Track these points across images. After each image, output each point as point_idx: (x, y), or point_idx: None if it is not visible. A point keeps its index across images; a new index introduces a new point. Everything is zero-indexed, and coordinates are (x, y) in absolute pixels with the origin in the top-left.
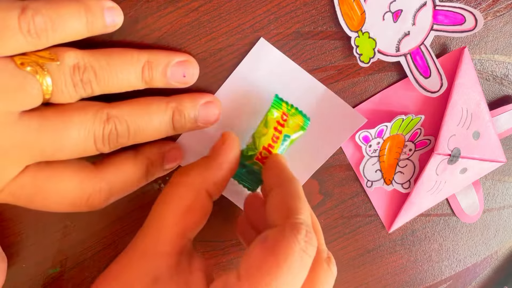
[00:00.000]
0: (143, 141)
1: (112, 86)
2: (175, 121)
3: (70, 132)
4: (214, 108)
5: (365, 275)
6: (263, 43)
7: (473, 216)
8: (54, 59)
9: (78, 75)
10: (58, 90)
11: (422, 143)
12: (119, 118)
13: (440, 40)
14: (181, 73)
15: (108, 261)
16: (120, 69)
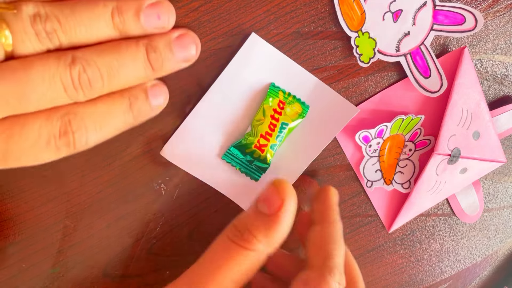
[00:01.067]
0: (122, 86)
1: (81, 36)
2: (151, 59)
3: (32, 78)
4: (189, 40)
5: (365, 275)
6: (255, 38)
7: (473, 216)
8: (10, 8)
9: (40, 24)
10: (19, 41)
11: (422, 143)
12: (88, 60)
13: (440, 40)
14: (155, 16)
15: (108, 261)
16: (87, 16)
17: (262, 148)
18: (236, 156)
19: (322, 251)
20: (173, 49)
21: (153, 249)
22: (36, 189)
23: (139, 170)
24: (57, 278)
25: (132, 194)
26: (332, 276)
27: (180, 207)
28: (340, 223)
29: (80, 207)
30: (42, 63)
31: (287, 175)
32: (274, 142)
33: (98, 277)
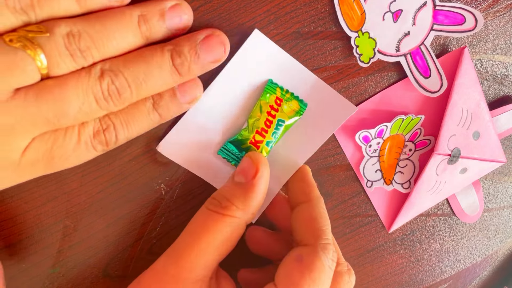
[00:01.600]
0: (152, 92)
1: (112, 49)
2: (177, 65)
3: (68, 95)
4: (216, 41)
5: (365, 275)
6: (257, 35)
7: (473, 216)
8: (43, 31)
9: (74, 43)
10: (54, 63)
11: (422, 143)
12: (114, 71)
13: (440, 40)
14: (177, 18)
15: (108, 261)
16: (117, 29)
17: (257, 145)
18: (231, 151)
19: (313, 228)
20: (198, 52)
21: (153, 249)
22: (36, 189)
23: (139, 170)
24: (57, 278)
25: (132, 194)
26: (325, 253)
27: (180, 207)
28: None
29: (80, 207)
30: (75, 80)
31: (282, 171)
32: (269, 139)
33: (98, 277)
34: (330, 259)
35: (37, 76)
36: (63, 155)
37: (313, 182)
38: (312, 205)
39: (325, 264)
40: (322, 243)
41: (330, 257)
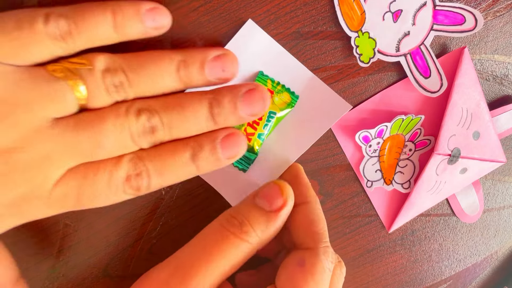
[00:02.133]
0: (185, 135)
1: (147, 88)
2: (214, 114)
3: (106, 128)
4: (258, 96)
5: (365, 275)
6: (251, 25)
7: (473, 216)
8: (85, 64)
9: (109, 78)
10: (92, 95)
11: (422, 143)
12: (150, 111)
13: (440, 40)
14: (220, 68)
15: (108, 261)
16: (153, 69)
17: (249, 137)
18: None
19: (312, 232)
20: (237, 104)
21: (153, 249)
22: None
23: None
24: (57, 278)
25: None
26: (326, 256)
27: (180, 207)
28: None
29: None
30: (114, 114)
31: (273, 168)
32: (261, 131)
33: (98, 277)
34: (330, 262)
35: (75, 107)
36: (92, 194)
37: (307, 181)
38: (310, 207)
39: (326, 267)
40: (322, 246)
41: (330, 259)
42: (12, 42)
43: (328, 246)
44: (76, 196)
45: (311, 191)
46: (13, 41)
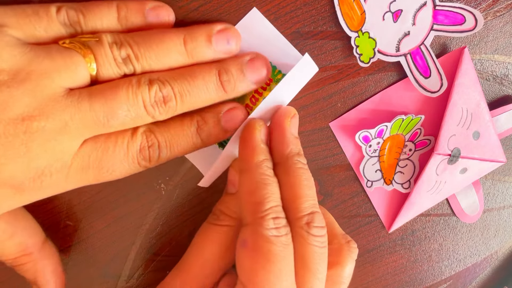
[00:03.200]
0: (196, 106)
1: (154, 62)
2: (223, 82)
3: (119, 97)
4: (260, 63)
5: (365, 275)
6: (255, 13)
7: (473, 216)
8: (93, 37)
9: (117, 51)
10: (101, 65)
11: (422, 143)
12: (162, 81)
13: (440, 40)
14: (225, 41)
15: (108, 261)
16: (160, 44)
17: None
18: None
19: (250, 203)
20: (244, 71)
21: (153, 249)
22: None
23: None
24: None
25: (132, 194)
26: (264, 226)
27: (180, 207)
28: (269, 161)
29: (80, 207)
30: (126, 84)
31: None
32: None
33: (98, 277)
34: (273, 230)
35: (87, 78)
36: (111, 166)
37: (258, 144)
38: (251, 174)
39: (270, 237)
40: (258, 217)
41: (272, 226)
42: (29, 23)
43: (264, 214)
44: (95, 169)
45: (256, 156)
46: (30, 23)
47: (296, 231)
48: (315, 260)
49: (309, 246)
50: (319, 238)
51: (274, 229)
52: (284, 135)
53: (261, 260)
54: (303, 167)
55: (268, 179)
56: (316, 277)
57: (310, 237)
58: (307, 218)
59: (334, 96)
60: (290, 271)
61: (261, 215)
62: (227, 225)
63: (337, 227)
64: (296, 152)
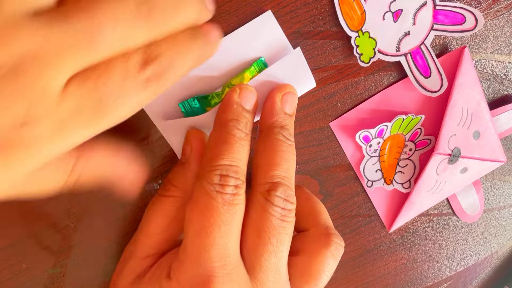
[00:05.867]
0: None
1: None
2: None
3: (100, 11)
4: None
5: (366, 275)
6: (269, 17)
7: (473, 216)
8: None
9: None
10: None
11: (422, 143)
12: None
13: (440, 39)
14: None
15: (108, 261)
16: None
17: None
18: (194, 108)
19: (206, 158)
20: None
21: None
22: None
23: None
24: (57, 278)
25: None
26: (207, 180)
27: None
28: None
29: (81, 207)
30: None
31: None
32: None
33: (98, 277)
34: (217, 185)
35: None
36: (110, 95)
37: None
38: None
39: (211, 192)
40: (205, 171)
41: (216, 182)
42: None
43: (214, 169)
44: (92, 106)
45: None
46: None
47: (255, 197)
48: (269, 230)
49: (264, 213)
50: (278, 209)
51: (217, 185)
52: (271, 106)
53: (196, 212)
54: (284, 140)
55: (230, 138)
56: (267, 249)
57: (268, 204)
58: (269, 185)
59: (334, 96)
60: (229, 231)
61: (208, 169)
62: (173, 196)
63: (323, 218)
64: (280, 124)
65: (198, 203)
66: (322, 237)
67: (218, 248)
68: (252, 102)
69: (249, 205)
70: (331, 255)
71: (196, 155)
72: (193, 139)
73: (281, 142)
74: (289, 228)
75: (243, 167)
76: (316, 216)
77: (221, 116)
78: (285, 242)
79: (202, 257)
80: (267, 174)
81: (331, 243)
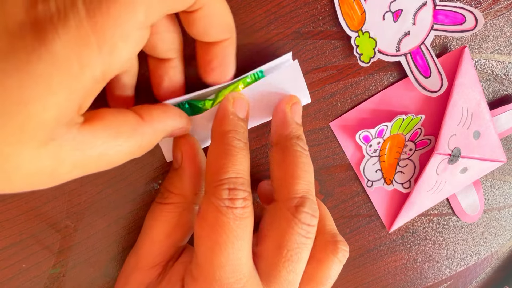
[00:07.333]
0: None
1: None
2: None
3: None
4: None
5: (366, 275)
6: (295, 67)
7: (473, 216)
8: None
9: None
10: None
11: (422, 142)
12: None
13: (440, 39)
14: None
15: (108, 261)
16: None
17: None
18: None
19: (210, 173)
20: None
21: None
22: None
23: (139, 170)
24: (57, 278)
25: (132, 194)
26: (215, 195)
27: None
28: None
29: (81, 207)
30: None
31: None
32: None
33: (98, 277)
34: (226, 200)
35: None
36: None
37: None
38: (214, 144)
39: (221, 207)
40: (213, 186)
41: (225, 197)
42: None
43: (221, 184)
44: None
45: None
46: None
47: (280, 211)
48: (292, 248)
49: (289, 230)
50: (306, 227)
51: (227, 200)
52: (283, 118)
53: (207, 228)
54: (302, 150)
55: (231, 150)
56: (286, 266)
57: (295, 222)
58: (297, 200)
59: (334, 96)
60: (242, 246)
61: (215, 184)
62: (172, 203)
63: (328, 224)
64: (296, 135)
65: (207, 219)
66: (329, 245)
67: (232, 263)
68: (245, 111)
69: (271, 217)
70: (338, 262)
71: (188, 159)
72: (182, 143)
73: (300, 153)
74: (309, 244)
75: (248, 177)
76: (322, 223)
77: (219, 128)
78: (304, 258)
79: (217, 274)
80: (292, 188)
81: (338, 251)
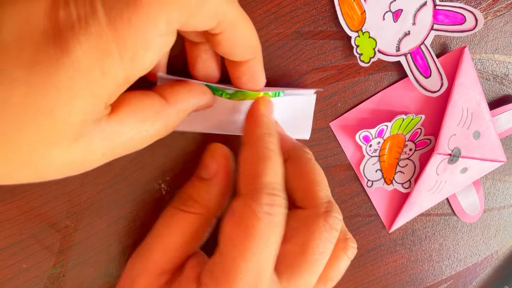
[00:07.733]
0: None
1: None
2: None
3: None
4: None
5: (366, 275)
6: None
7: (473, 216)
8: None
9: None
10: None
11: (422, 142)
12: None
13: (441, 39)
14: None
15: (108, 261)
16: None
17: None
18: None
19: (246, 174)
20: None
21: None
22: (37, 189)
23: (139, 170)
24: (57, 278)
25: (133, 194)
26: (255, 200)
27: None
28: (272, 136)
29: (81, 207)
30: None
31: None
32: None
33: (98, 277)
34: (265, 205)
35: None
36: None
37: (261, 117)
38: (251, 146)
39: (260, 213)
40: (252, 188)
41: (265, 202)
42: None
43: (261, 187)
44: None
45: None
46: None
47: (312, 220)
48: (318, 253)
49: (320, 236)
50: (335, 232)
51: (266, 205)
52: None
53: (242, 234)
54: (312, 157)
55: (269, 153)
56: (309, 270)
57: (326, 228)
58: (326, 205)
59: (334, 96)
60: (271, 252)
61: (256, 187)
62: (194, 213)
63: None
64: (301, 144)
65: (243, 223)
66: (340, 242)
67: (258, 269)
68: (273, 116)
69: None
70: (347, 258)
71: (224, 173)
72: (218, 156)
73: (312, 161)
74: (332, 249)
75: (283, 182)
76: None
77: (254, 130)
78: (325, 262)
79: (242, 277)
80: (316, 195)
81: (348, 248)
